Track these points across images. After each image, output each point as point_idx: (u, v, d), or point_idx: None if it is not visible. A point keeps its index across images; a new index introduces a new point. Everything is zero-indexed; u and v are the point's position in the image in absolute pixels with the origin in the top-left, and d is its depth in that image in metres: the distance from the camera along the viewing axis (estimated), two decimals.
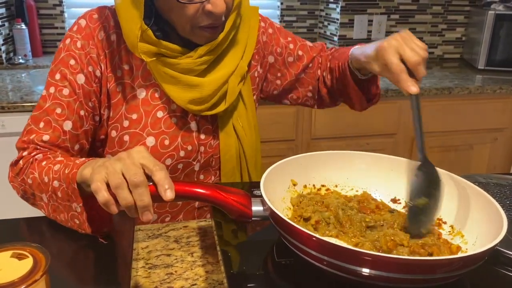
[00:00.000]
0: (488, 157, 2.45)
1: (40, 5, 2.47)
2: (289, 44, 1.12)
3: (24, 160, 0.87)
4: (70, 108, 0.90)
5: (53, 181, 0.79)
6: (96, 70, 0.92)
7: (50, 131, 0.89)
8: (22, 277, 0.52)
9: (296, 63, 1.12)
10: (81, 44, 0.91)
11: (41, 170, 0.83)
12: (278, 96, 1.17)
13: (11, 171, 0.90)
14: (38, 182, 0.83)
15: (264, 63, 1.10)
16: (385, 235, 0.68)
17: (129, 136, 0.94)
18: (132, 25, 0.86)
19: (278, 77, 1.13)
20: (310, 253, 0.61)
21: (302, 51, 1.12)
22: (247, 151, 1.04)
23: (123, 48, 0.94)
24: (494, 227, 0.64)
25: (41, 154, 0.88)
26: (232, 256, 0.72)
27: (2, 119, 1.81)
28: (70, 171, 0.76)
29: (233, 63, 0.97)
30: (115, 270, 0.72)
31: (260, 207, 0.71)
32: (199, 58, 0.92)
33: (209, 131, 1.00)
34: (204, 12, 0.85)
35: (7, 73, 2.25)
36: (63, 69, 0.91)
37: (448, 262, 0.57)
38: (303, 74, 1.13)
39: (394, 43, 0.83)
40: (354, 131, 2.21)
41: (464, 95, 2.29)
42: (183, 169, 0.99)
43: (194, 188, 0.69)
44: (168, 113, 0.96)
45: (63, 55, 0.91)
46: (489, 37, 2.55)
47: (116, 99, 0.94)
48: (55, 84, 0.91)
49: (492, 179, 0.96)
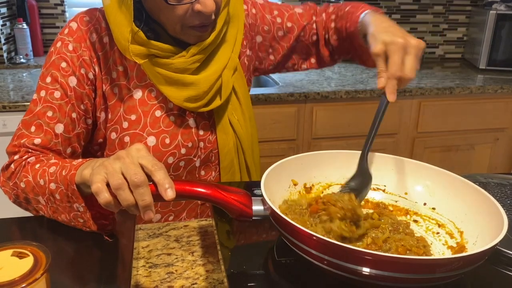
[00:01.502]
0: (489, 157, 2.45)
1: (42, 5, 2.47)
2: (276, 18, 1.10)
3: (15, 163, 0.87)
4: (61, 111, 0.89)
5: (49, 184, 0.79)
6: (89, 73, 0.91)
7: (41, 135, 0.88)
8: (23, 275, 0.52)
9: (287, 35, 1.11)
10: (73, 47, 0.90)
11: (35, 173, 0.82)
12: (274, 69, 1.18)
13: (2, 175, 0.89)
14: (33, 185, 0.82)
15: (253, 44, 1.10)
16: (394, 241, 0.69)
17: (130, 137, 0.94)
18: (122, 29, 0.85)
19: (270, 52, 1.13)
20: (311, 252, 0.61)
21: (291, 22, 1.11)
22: (244, 144, 1.05)
23: (116, 49, 0.93)
24: (495, 226, 0.64)
25: (34, 157, 0.87)
26: (233, 255, 0.72)
27: (4, 118, 1.82)
28: (67, 172, 0.76)
29: (225, 58, 0.97)
30: (115, 269, 0.72)
31: (260, 207, 0.71)
32: (191, 57, 0.92)
33: (206, 126, 1.01)
34: (193, 12, 0.85)
35: (8, 73, 2.26)
36: (54, 72, 0.90)
37: (448, 261, 0.57)
38: (296, 43, 1.13)
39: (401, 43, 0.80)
40: (355, 130, 2.21)
41: (465, 95, 2.29)
42: (185, 166, 0.99)
43: (195, 188, 0.69)
44: (166, 111, 0.96)
45: (54, 58, 0.91)
46: (490, 37, 2.55)
47: (113, 101, 0.94)
48: (45, 87, 0.90)
49: (493, 179, 0.96)
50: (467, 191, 0.75)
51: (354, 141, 2.22)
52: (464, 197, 0.75)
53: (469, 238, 0.71)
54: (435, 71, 2.60)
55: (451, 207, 0.77)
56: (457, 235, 0.73)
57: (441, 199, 0.79)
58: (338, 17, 1.08)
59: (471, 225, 0.72)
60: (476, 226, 0.71)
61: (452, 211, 0.77)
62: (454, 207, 0.77)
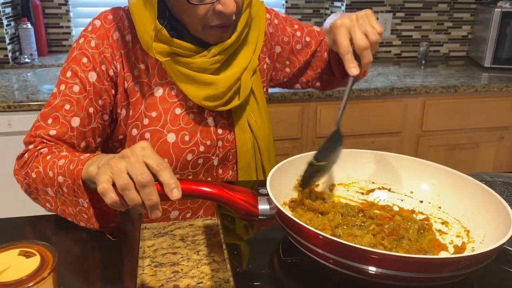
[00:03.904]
0: (494, 156, 2.44)
1: (46, 5, 2.48)
2: (296, 32, 1.13)
3: (29, 153, 0.88)
4: (79, 105, 0.91)
5: (57, 176, 0.80)
6: (109, 70, 0.93)
7: (57, 127, 0.90)
8: (30, 274, 0.52)
9: (305, 49, 1.13)
10: (95, 43, 0.92)
11: (45, 164, 0.83)
12: (288, 82, 1.19)
13: (16, 163, 0.91)
14: (43, 176, 0.83)
15: (272, 54, 1.12)
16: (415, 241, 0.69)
17: (150, 133, 0.95)
18: (146, 26, 0.87)
19: (287, 65, 1.14)
20: (317, 251, 0.61)
21: (309, 37, 1.13)
22: (261, 144, 1.06)
23: (138, 47, 0.95)
24: (502, 225, 0.64)
25: (47, 148, 0.88)
26: (238, 254, 0.72)
27: (9, 118, 1.82)
28: (75, 167, 0.76)
29: (245, 59, 0.99)
30: (121, 268, 0.72)
31: (266, 206, 0.71)
32: (212, 58, 0.93)
33: (225, 125, 1.02)
34: (214, 12, 0.86)
35: (13, 72, 2.26)
36: (75, 67, 0.91)
37: (455, 260, 0.57)
38: (312, 58, 1.14)
39: (347, 22, 0.83)
40: (359, 129, 2.21)
41: (470, 93, 2.28)
42: (203, 164, 1.01)
43: (201, 187, 0.69)
44: (185, 109, 0.97)
45: (76, 53, 0.92)
46: (495, 35, 2.54)
47: (135, 98, 0.95)
48: (65, 81, 0.92)
49: (498, 177, 0.96)
50: (473, 189, 0.75)
51: (358, 140, 2.22)
52: (471, 195, 0.75)
53: (475, 237, 0.70)
54: (439, 70, 2.59)
55: (457, 205, 0.77)
56: (464, 234, 0.73)
57: (447, 198, 0.79)
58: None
59: (478, 224, 0.72)
60: (482, 225, 0.70)
61: (458, 210, 0.76)
62: (461, 205, 0.76)
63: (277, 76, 1.16)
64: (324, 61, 1.14)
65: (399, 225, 0.72)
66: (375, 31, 0.83)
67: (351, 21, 0.83)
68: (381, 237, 0.69)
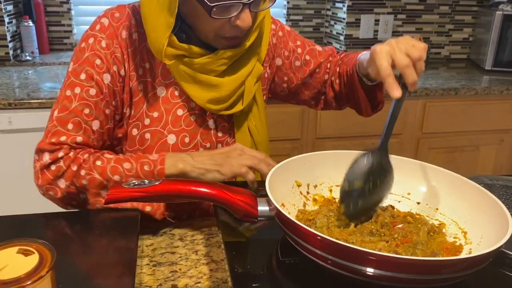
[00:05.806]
0: (494, 158, 2.44)
1: (47, 3, 2.48)
2: (298, 48, 1.12)
3: (66, 162, 0.87)
4: (97, 108, 0.91)
5: (127, 178, 0.86)
6: (120, 70, 0.93)
7: (81, 132, 0.89)
8: (28, 273, 0.52)
9: (303, 67, 1.12)
10: (106, 44, 0.91)
11: (101, 170, 0.86)
12: (284, 97, 1.19)
13: (47, 173, 0.87)
14: (100, 181, 0.86)
15: (272, 65, 1.11)
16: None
17: (150, 134, 0.95)
18: (160, 34, 0.86)
19: (285, 80, 1.14)
20: (315, 252, 0.61)
21: (309, 56, 1.12)
22: (260, 149, 1.06)
23: (144, 46, 0.94)
24: (500, 228, 0.64)
25: (87, 153, 0.88)
26: (237, 254, 0.72)
27: (9, 116, 1.82)
28: (153, 168, 0.87)
29: (250, 66, 0.99)
30: (119, 267, 0.72)
31: (266, 207, 0.71)
32: (219, 60, 0.93)
33: (225, 129, 1.02)
34: (231, 25, 0.87)
35: (14, 70, 2.26)
36: (89, 69, 0.90)
37: (452, 262, 0.57)
38: (309, 78, 1.13)
39: (386, 47, 0.79)
40: (360, 130, 2.21)
41: (471, 96, 2.28)
42: None
43: (200, 188, 0.69)
44: (187, 111, 0.97)
45: (88, 54, 0.91)
46: (496, 38, 2.53)
47: (137, 97, 0.95)
48: (80, 84, 0.90)
49: (498, 180, 0.96)
50: (471, 191, 0.75)
51: (358, 141, 2.22)
52: (468, 197, 0.75)
53: (473, 239, 0.71)
54: (440, 72, 2.59)
55: (455, 208, 0.77)
56: (461, 235, 0.73)
57: (444, 200, 0.79)
58: (342, 62, 1.08)
59: (475, 226, 0.72)
60: (480, 227, 0.71)
61: (455, 212, 0.76)
62: (458, 207, 0.76)
63: (275, 89, 1.15)
64: (322, 83, 1.13)
65: (411, 231, 0.71)
66: (417, 48, 0.78)
67: (390, 44, 0.79)
68: (396, 245, 0.68)
